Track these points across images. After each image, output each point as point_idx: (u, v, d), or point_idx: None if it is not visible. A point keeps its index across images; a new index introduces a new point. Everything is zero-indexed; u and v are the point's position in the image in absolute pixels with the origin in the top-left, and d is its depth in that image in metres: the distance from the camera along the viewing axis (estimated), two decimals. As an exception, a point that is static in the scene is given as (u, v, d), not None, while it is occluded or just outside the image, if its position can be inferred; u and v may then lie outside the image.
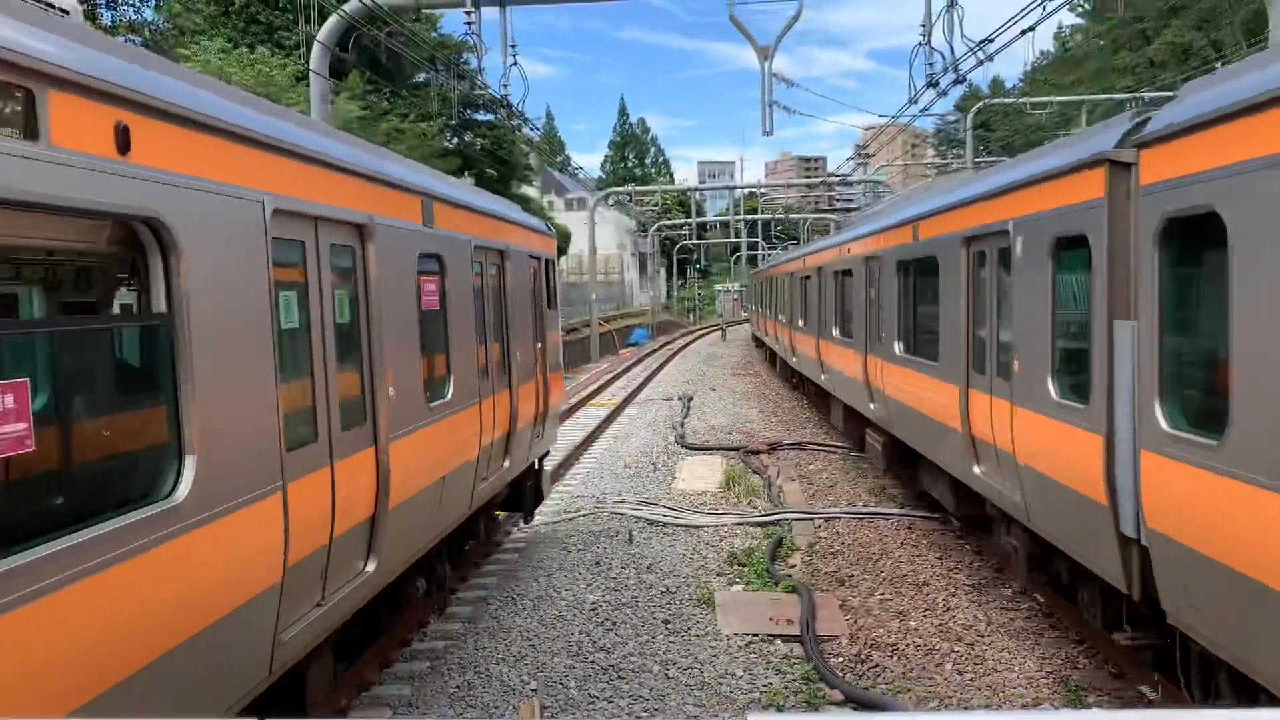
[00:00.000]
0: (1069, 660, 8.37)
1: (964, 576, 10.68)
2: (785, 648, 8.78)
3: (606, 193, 49.43)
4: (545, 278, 12.85)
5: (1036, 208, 8.08)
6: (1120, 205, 6.62)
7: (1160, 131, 6.09)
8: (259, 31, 38.19)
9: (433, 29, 44.41)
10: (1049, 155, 8.31)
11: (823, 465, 17.36)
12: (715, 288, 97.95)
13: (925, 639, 8.92)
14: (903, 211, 13.40)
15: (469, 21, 14.74)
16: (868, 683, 8.10)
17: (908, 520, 13.08)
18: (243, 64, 29.92)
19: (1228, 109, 5.33)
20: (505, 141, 50.59)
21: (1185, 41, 43.08)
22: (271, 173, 5.53)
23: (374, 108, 35.27)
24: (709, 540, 12.40)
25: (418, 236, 8.07)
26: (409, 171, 8.31)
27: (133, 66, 4.44)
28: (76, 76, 3.92)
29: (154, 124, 4.44)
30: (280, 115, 6.08)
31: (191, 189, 4.73)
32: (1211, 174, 5.50)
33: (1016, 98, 42.06)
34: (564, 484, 16.24)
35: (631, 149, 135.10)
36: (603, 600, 10.11)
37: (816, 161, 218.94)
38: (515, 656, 8.69)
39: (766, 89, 14.79)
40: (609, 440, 20.87)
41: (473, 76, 16.40)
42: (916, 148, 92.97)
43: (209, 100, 5.01)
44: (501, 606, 10.03)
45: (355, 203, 6.73)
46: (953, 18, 13.58)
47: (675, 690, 7.91)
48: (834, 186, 65.64)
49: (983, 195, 9.50)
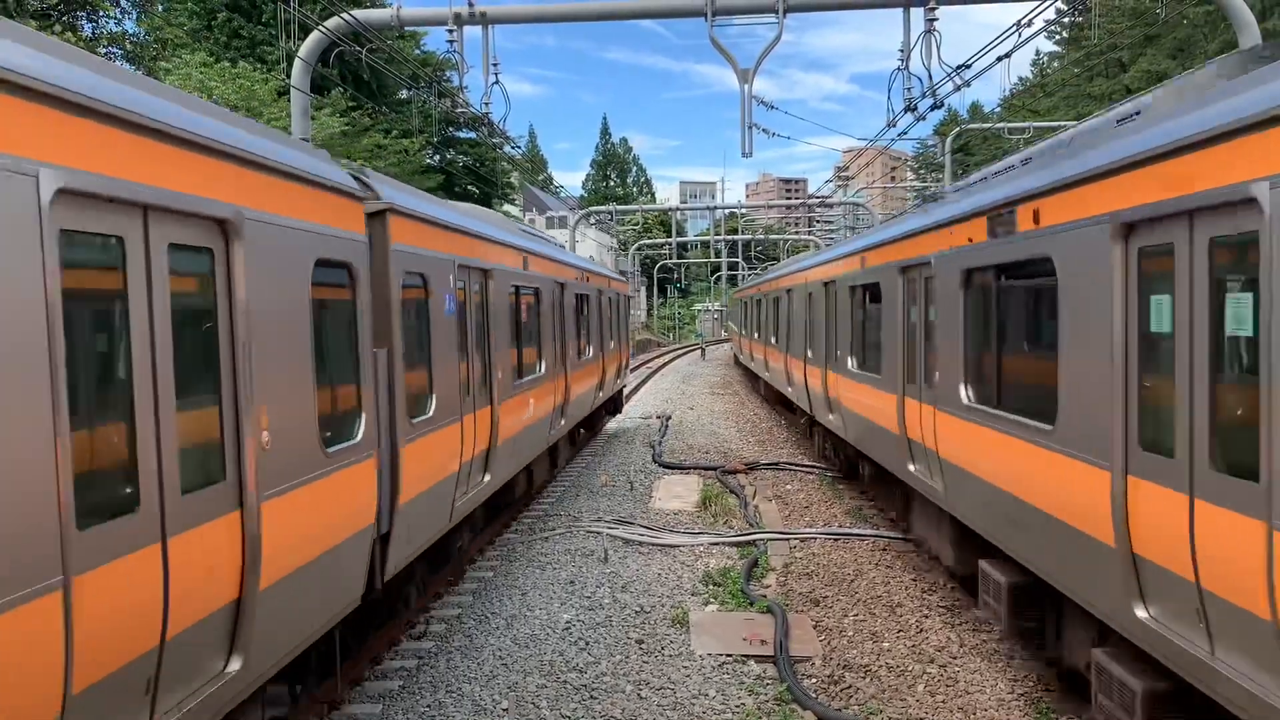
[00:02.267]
0: (1040, 682, 8.40)
1: (938, 598, 10.71)
2: (759, 668, 8.77)
3: (587, 211, 49.53)
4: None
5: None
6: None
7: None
8: (241, 46, 38.19)
9: (416, 46, 44.56)
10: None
11: (799, 485, 17.39)
12: (695, 307, 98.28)
13: (898, 660, 8.94)
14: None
15: (451, 40, 14.79)
16: (840, 704, 8.10)
17: (883, 541, 13.12)
18: (225, 78, 29.88)
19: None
20: (487, 159, 50.72)
21: (1161, 69, 43.73)
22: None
23: (356, 124, 35.27)
24: (685, 560, 12.39)
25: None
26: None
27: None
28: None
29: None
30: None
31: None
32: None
33: (994, 123, 42.51)
34: (538, 503, 16.19)
35: (613, 168, 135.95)
36: (577, 619, 10.07)
37: (797, 183, 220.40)
38: (487, 675, 8.64)
39: (746, 111, 14.87)
40: (585, 459, 20.83)
41: (454, 94, 16.41)
42: (896, 170, 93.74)
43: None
44: (475, 625, 9.98)
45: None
46: (930, 43, 13.72)
47: (648, 711, 7.88)
48: (814, 208, 66.04)
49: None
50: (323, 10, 15.99)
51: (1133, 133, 6.27)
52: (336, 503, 6.76)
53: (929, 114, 14.97)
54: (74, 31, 23.73)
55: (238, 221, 5.38)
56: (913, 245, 11.08)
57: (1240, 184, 4.89)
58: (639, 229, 79.12)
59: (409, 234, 8.55)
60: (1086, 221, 6.63)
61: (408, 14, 14.98)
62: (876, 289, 12.93)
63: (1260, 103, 4.78)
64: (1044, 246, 7.36)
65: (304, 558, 6.17)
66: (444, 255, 9.52)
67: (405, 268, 8.40)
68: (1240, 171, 4.92)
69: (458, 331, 9.87)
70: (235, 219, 5.36)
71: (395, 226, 8.18)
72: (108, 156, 4.39)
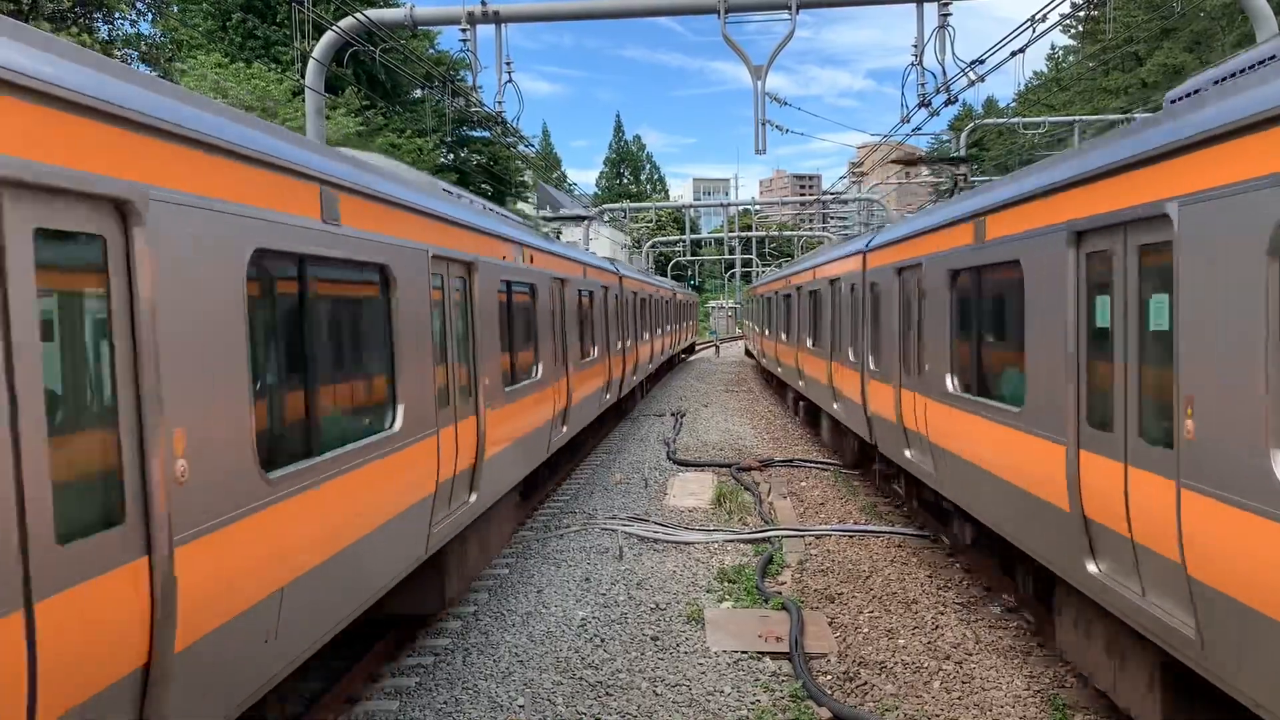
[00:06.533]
0: (1056, 679, 8.38)
1: (953, 594, 10.69)
2: (774, 665, 8.78)
3: (601, 209, 49.54)
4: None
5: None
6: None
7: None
8: (256, 46, 38.36)
9: (430, 45, 44.67)
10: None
11: (814, 482, 17.37)
12: (709, 304, 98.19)
13: (914, 657, 8.93)
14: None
15: (464, 39, 14.84)
16: (856, 701, 8.10)
17: (898, 538, 13.09)
18: (240, 79, 30.03)
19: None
20: (501, 158, 50.81)
21: (1177, 63, 43.46)
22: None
23: (370, 123, 35.39)
24: (699, 557, 12.40)
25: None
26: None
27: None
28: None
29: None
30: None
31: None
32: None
33: (1009, 118, 42.32)
34: (552, 501, 16.23)
35: (626, 166, 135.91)
36: (592, 617, 10.10)
37: (811, 179, 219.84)
38: (503, 673, 8.67)
39: (759, 107, 14.86)
40: (600, 456, 20.86)
41: (467, 93, 16.46)
42: (911, 166, 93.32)
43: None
44: (491, 622, 10.02)
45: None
46: (944, 38, 13.68)
47: (663, 707, 7.90)
48: (828, 204, 65.88)
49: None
50: (337, 10, 16.06)
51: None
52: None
53: (943, 109, 14.92)
54: (90, 34, 23.88)
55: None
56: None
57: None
58: (652, 226, 79.20)
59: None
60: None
61: (421, 13, 15.03)
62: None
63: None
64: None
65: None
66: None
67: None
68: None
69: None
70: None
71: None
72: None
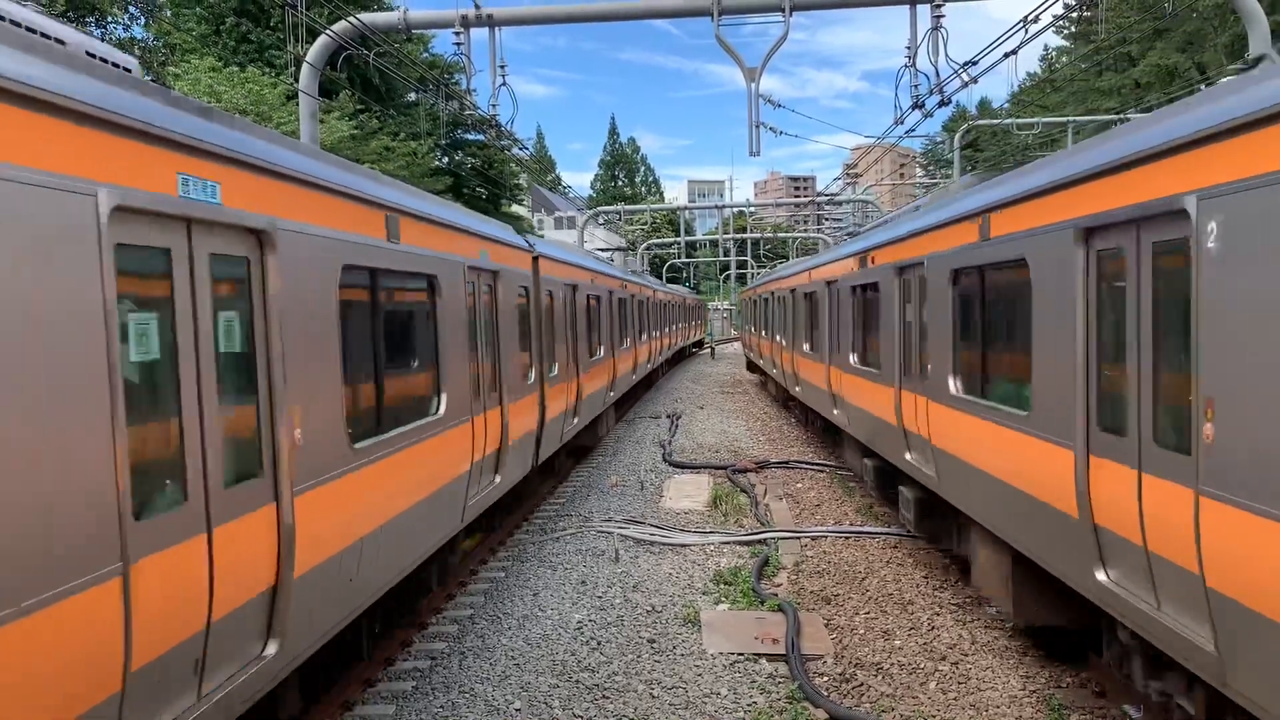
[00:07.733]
0: (1052, 679, 8.40)
1: (949, 596, 10.70)
2: (770, 666, 8.79)
3: (595, 211, 49.53)
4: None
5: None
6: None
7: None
8: (249, 50, 38.29)
9: (424, 48, 44.65)
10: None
11: (810, 484, 17.39)
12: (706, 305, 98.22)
13: (910, 658, 8.94)
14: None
15: (458, 42, 14.82)
16: (852, 702, 8.11)
17: (894, 539, 13.11)
18: (234, 82, 29.99)
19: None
20: (495, 161, 50.79)
21: (1170, 63, 43.50)
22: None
23: (364, 126, 35.36)
24: (695, 559, 12.40)
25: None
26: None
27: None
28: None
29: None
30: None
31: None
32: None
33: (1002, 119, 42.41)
34: (549, 503, 16.23)
35: (621, 168, 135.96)
36: (588, 619, 10.10)
37: (805, 181, 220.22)
38: (500, 676, 8.67)
39: (753, 110, 14.86)
40: (596, 459, 20.86)
41: (461, 97, 16.45)
42: (904, 167, 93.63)
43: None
44: (487, 625, 10.01)
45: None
46: (937, 40, 13.70)
47: (660, 710, 7.90)
48: (823, 206, 65.98)
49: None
50: (330, 14, 16.04)
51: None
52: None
53: (936, 110, 14.93)
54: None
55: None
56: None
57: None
58: (647, 228, 79.28)
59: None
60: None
61: (414, 17, 15.00)
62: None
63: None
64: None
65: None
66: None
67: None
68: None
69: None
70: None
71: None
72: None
